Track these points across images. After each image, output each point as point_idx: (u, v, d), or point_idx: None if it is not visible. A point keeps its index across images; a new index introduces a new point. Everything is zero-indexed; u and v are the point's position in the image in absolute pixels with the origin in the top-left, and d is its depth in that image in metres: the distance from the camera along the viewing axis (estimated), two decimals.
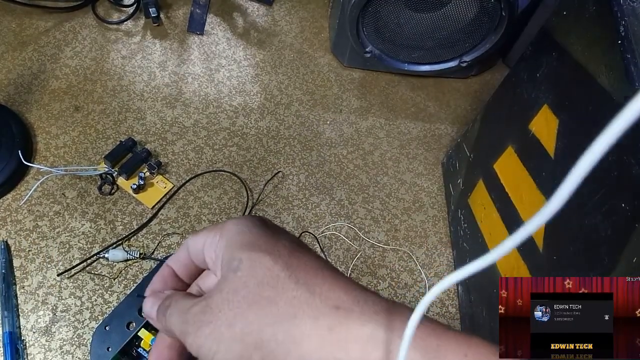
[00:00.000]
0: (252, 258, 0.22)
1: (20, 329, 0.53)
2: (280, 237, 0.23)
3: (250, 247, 0.22)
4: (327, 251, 0.65)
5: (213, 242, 0.24)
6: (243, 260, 0.22)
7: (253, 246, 0.22)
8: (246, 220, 0.24)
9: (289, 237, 0.24)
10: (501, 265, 0.53)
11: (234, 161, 0.71)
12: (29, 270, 0.57)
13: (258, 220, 0.24)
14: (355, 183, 0.73)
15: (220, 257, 0.23)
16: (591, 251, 0.38)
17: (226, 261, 0.22)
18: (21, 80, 0.73)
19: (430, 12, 0.75)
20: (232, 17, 0.90)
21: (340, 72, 0.87)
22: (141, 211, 0.64)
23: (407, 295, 0.64)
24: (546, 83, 0.49)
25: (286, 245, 0.23)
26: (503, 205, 0.54)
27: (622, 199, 0.35)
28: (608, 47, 0.39)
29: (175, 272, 0.26)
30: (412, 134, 0.81)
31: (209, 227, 0.25)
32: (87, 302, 0.56)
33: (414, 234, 0.69)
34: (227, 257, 0.22)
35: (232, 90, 0.80)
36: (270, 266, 0.21)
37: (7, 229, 0.59)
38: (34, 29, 0.80)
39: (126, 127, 0.71)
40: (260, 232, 0.23)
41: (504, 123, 0.58)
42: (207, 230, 0.25)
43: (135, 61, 0.79)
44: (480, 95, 0.89)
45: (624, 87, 0.36)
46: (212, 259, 0.24)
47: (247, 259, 0.22)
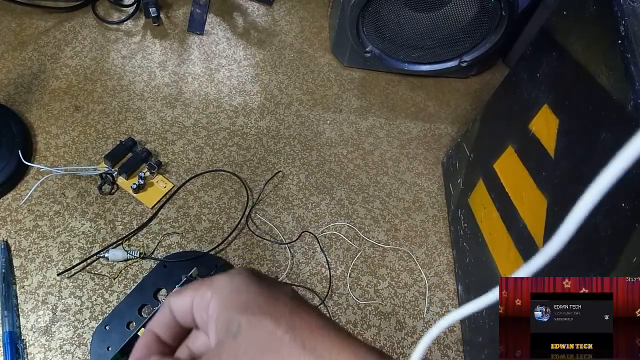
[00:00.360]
0: (251, 322, 0.20)
1: (20, 328, 0.53)
2: (278, 294, 0.22)
3: (249, 308, 0.21)
4: (327, 251, 0.65)
5: (203, 300, 0.22)
6: (242, 325, 0.20)
7: (251, 307, 0.21)
8: (239, 276, 0.22)
9: (287, 291, 0.22)
10: (501, 264, 0.53)
11: (234, 161, 0.71)
12: (29, 270, 0.57)
13: (251, 274, 0.22)
14: (355, 183, 0.73)
15: (214, 318, 0.21)
16: (591, 251, 0.38)
17: (223, 325, 0.21)
18: (21, 80, 0.73)
19: (431, 11, 0.75)
20: (232, 17, 0.90)
21: (340, 72, 0.87)
22: (141, 211, 0.64)
23: (407, 294, 0.64)
24: (546, 83, 0.49)
25: (286, 303, 0.21)
26: (503, 205, 0.54)
27: (622, 199, 0.35)
28: (608, 46, 0.39)
29: (159, 337, 0.24)
30: (412, 133, 0.81)
31: (193, 284, 0.23)
32: (87, 302, 0.56)
33: (414, 233, 0.69)
34: (224, 320, 0.21)
35: (232, 90, 0.80)
36: (273, 329, 0.20)
37: (7, 228, 0.59)
38: (34, 28, 0.80)
39: (126, 126, 0.71)
40: (257, 289, 0.21)
41: (504, 123, 0.58)
42: (192, 288, 0.23)
43: (135, 61, 0.79)
44: (480, 95, 0.89)
45: (624, 87, 0.36)
46: (203, 319, 0.22)
47: (247, 323, 0.20)
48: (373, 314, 0.61)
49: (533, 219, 0.47)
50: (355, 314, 0.61)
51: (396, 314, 0.62)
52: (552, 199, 0.45)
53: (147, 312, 0.55)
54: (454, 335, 0.62)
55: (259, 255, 0.63)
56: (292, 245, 0.65)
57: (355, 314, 0.61)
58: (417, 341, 0.60)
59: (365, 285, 0.64)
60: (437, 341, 0.61)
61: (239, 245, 0.63)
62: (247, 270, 0.23)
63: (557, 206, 0.44)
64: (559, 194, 0.44)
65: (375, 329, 0.60)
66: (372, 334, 0.60)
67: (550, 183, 0.45)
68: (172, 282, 0.55)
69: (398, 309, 0.62)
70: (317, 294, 0.62)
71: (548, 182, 0.46)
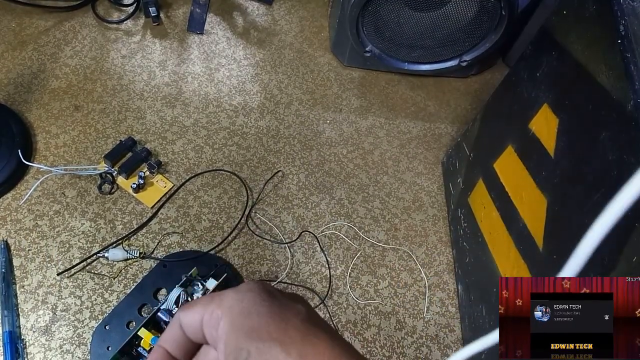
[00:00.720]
0: (261, 349, 0.20)
1: (20, 328, 0.53)
2: (290, 315, 0.21)
3: (258, 334, 0.20)
4: (327, 250, 0.65)
5: (213, 318, 0.21)
6: (251, 353, 0.20)
7: (261, 333, 0.20)
8: (250, 294, 0.21)
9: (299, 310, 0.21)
10: (501, 264, 0.53)
11: (233, 160, 0.71)
12: (29, 270, 0.57)
13: (262, 291, 0.22)
14: (355, 182, 0.73)
15: (223, 341, 0.21)
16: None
17: (232, 350, 0.20)
18: (21, 80, 0.73)
19: (430, 11, 0.75)
20: (232, 17, 0.90)
21: (340, 72, 0.87)
22: (141, 210, 0.64)
23: (407, 294, 0.64)
24: (546, 82, 0.49)
25: (298, 327, 0.20)
26: (503, 205, 0.54)
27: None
28: (608, 46, 0.39)
29: (170, 353, 0.24)
30: (412, 133, 0.81)
31: (203, 299, 0.22)
32: (87, 302, 0.56)
33: (414, 233, 0.69)
34: (233, 345, 0.20)
35: (232, 89, 0.80)
36: (283, 359, 0.19)
37: (7, 228, 0.59)
38: (34, 28, 0.80)
39: (126, 126, 0.71)
40: (267, 310, 0.21)
41: (504, 122, 0.58)
42: (202, 303, 0.22)
43: (135, 60, 0.79)
44: (480, 94, 0.89)
45: (624, 86, 0.36)
46: (213, 336, 0.22)
47: (256, 350, 0.20)
48: (373, 314, 0.61)
49: (533, 218, 0.47)
50: (355, 313, 0.61)
51: (396, 313, 0.62)
52: (552, 199, 0.45)
53: (147, 311, 0.55)
54: (454, 334, 0.62)
55: (258, 254, 0.63)
56: (292, 245, 0.65)
57: (355, 313, 0.61)
58: (417, 341, 0.60)
59: (365, 285, 0.64)
60: (437, 341, 0.61)
61: (239, 244, 0.63)
62: (258, 287, 0.22)
63: (557, 206, 0.44)
64: (558, 194, 0.44)
65: (375, 328, 0.60)
66: (372, 334, 0.60)
67: (550, 182, 0.45)
68: (172, 281, 0.55)
69: (398, 308, 0.62)
70: (317, 294, 0.62)
71: (548, 182, 0.46)
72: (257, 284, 0.22)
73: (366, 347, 0.59)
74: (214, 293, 0.23)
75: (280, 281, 0.61)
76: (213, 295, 0.22)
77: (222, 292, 0.22)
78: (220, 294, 0.22)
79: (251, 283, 0.23)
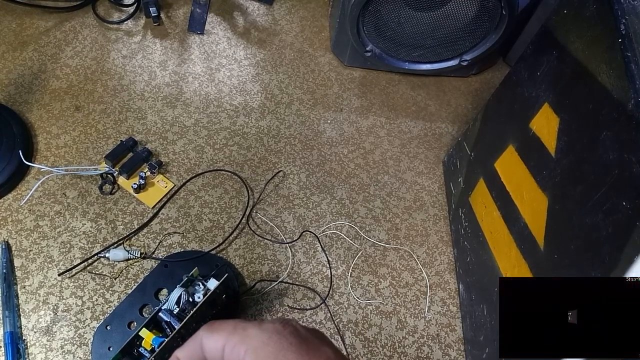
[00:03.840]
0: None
1: (21, 328, 0.53)
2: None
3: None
4: (328, 250, 0.65)
5: (236, 351, 0.21)
6: None
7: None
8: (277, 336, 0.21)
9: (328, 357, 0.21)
10: (502, 263, 0.53)
11: (234, 160, 0.71)
12: (30, 270, 0.57)
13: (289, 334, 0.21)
14: (356, 182, 0.73)
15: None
16: (592, 250, 0.38)
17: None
18: (22, 80, 0.73)
19: (431, 10, 0.75)
20: (233, 17, 0.90)
21: (340, 71, 0.87)
22: (142, 211, 0.64)
23: (408, 294, 0.64)
24: (547, 82, 0.49)
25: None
26: (504, 204, 0.54)
27: (623, 197, 0.35)
28: (608, 45, 0.39)
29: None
30: (412, 132, 0.81)
31: (226, 325, 0.22)
32: (88, 302, 0.56)
33: (415, 232, 0.69)
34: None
35: (232, 89, 0.80)
36: None
37: (8, 228, 0.59)
38: (35, 28, 0.80)
39: (127, 126, 0.71)
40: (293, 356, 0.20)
41: (505, 122, 0.58)
42: (225, 331, 0.22)
43: (135, 61, 0.79)
44: (481, 94, 0.89)
45: (625, 86, 0.36)
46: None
47: None
48: (374, 314, 0.61)
49: (534, 217, 0.47)
50: (356, 313, 0.61)
51: (397, 313, 0.62)
52: (552, 198, 0.45)
53: (148, 312, 0.55)
54: (455, 334, 0.62)
55: (259, 254, 0.63)
56: (293, 245, 0.65)
57: (357, 313, 0.61)
58: (418, 340, 0.60)
59: (366, 285, 0.64)
60: (438, 340, 0.61)
61: (240, 244, 0.63)
62: (284, 330, 0.21)
63: (558, 205, 0.44)
64: (559, 193, 0.44)
65: (377, 328, 0.60)
66: (373, 334, 0.60)
67: (551, 182, 0.45)
68: (173, 281, 0.55)
69: (399, 308, 0.62)
70: (318, 294, 0.62)
71: (549, 181, 0.46)
72: (282, 324, 0.22)
73: (367, 347, 0.59)
74: (238, 322, 0.22)
75: (281, 281, 0.62)
76: (236, 325, 0.22)
77: (245, 324, 0.22)
78: (244, 326, 0.22)
79: (277, 323, 0.22)
